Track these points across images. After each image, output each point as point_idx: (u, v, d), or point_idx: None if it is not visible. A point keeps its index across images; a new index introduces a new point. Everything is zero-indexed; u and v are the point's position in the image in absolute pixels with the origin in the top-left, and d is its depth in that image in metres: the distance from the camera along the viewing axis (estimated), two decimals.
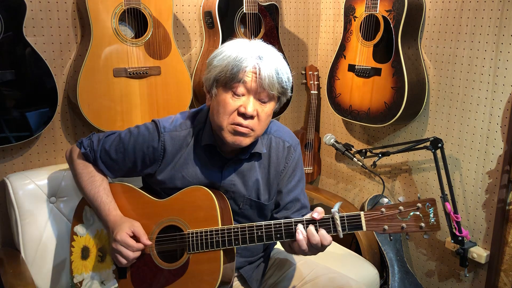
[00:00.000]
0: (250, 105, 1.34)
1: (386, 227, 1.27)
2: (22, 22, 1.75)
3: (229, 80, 1.34)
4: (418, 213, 1.26)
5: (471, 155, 2.12)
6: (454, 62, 2.13)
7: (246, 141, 1.39)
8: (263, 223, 1.36)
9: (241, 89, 1.34)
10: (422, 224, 1.26)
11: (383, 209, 1.28)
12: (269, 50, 1.37)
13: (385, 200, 1.34)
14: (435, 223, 1.25)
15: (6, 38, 1.72)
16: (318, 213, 1.32)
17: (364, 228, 1.28)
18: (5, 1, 1.70)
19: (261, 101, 1.36)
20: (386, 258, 2.30)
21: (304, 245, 1.31)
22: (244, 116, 1.35)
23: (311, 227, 1.30)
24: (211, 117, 1.44)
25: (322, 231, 1.30)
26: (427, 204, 1.26)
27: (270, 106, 1.39)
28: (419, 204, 1.26)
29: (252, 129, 1.37)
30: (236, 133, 1.37)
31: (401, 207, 1.27)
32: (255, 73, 1.32)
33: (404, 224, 1.27)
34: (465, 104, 2.12)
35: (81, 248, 1.55)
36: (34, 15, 1.89)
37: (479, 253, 2.10)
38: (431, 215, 1.25)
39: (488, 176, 2.07)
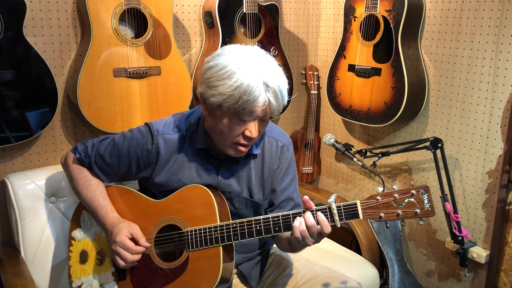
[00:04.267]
0: (255, 129, 1.37)
1: (382, 214, 1.29)
2: (22, 22, 1.76)
3: (238, 111, 1.31)
4: (412, 199, 1.28)
5: (471, 155, 2.12)
6: (454, 62, 2.13)
7: (244, 154, 1.45)
8: (261, 217, 1.38)
9: (249, 118, 1.34)
10: (417, 210, 1.27)
11: (378, 197, 1.30)
12: (272, 69, 1.33)
13: (380, 189, 1.36)
14: (429, 208, 1.27)
15: (6, 38, 1.72)
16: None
17: (361, 216, 1.30)
18: (5, 1, 1.70)
19: (263, 120, 1.39)
20: (386, 258, 2.30)
21: (297, 232, 1.31)
22: (249, 139, 1.38)
23: (308, 213, 1.32)
24: (210, 130, 1.44)
25: (321, 216, 1.31)
26: (421, 190, 1.28)
27: (268, 123, 1.45)
28: (413, 191, 1.28)
29: (252, 144, 1.43)
30: (237, 151, 1.41)
31: (396, 195, 1.29)
32: (265, 105, 1.31)
33: (399, 211, 1.29)
34: (465, 104, 2.12)
35: (79, 253, 1.55)
36: (34, 15, 1.89)
37: (479, 253, 2.10)
38: (426, 201, 1.27)
39: (488, 176, 2.07)
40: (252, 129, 1.36)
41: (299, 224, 1.32)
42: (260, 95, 1.29)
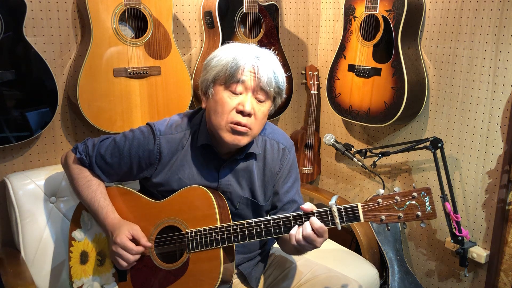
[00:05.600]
0: (248, 102, 1.36)
1: (383, 217, 1.29)
2: (22, 22, 1.75)
3: (228, 79, 1.36)
4: (414, 202, 1.27)
5: (471, 155, 2.12)
6: (454, 62, 2.13)
7: (244, 141, 1.41)
8: (261, 219, 1.38)
9: (239, 88, 1.36)
10: (419, 213, 1.27)
11: (379, 200, 1.30)
12: (265, 52, 1.41)
13: (381, 191, 1.35)
14: (431, 211, 1.27)
15: (6, 38, 1.72)
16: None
17: (362, 219, 1.29)
18: (5, 1, 1.70)
19: (258, 99, 1.39)
20: (386, 258, 2.30)
21: (293, 240, 1.32)
22: (242, 113, 1.37)
23: (306, 223, 1.31)
24: (208, 118, 1.44)
25: (316, 223, 1.30)
26: (423, 193, 1.27)
27: (266, 106, 1.42)
28: (414, 194, 1.27)
29: (249, 128, 1.39)
30: (234, 132, 1.38)
31: (397, 197, 1.28)
32: (254, 72, 1.35)
33: (401, 214, 1.28)
34: (465, 104, 2.12)
35: (80, 253, 1.55)
36: (34, 15, 1.89)
37: (479, 253, 2.10)
38: (427, 204, 1.27)
39: (488, 176, 2.07)
40: (244, 102, 1.36)
41: (295, 232, 1.32)
42: (249, 61, 1.36)
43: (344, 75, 2.41)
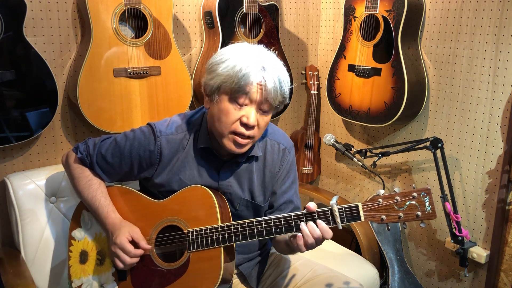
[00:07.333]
0: (252, 116, 1.36)
1: (383, 217, 1.30)
2: (22, 22, 1.75)
3: (234, 91, 1.34)
4: (414, 202, 1.28)
5: (471, 155, 2.12)
6: (454, 62, 2.13)
7: (244, 149, 1.43)
8: (262, 218, 1.38)
9: (245, 100, 1.35)
10: (419, 213, 1.28)
11: (380, 200, 1.30)
12: (272, 59, 1.38)
13: (382, 191, 1.36)
14: (431, 211, 1.28)
15: (6, 38, 1.72)
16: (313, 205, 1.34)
17: (362, 218, 1.30)
18: (5, 1, 1.70)
19: (262, 110, 1.38)
20: (386, 258, 2.30)
21: (302, 246, 1.32)
22: (246, 126, 1.37)
23: (311, 223, 1.32)
24: (211, 122, 1.44)
25: (322, 224, 1.31)
26: (423, 193, 1.28)
27: (269, 115, 1.42)
28: (414, 194, 1.28)
29: (252, 137, 1.40)
30: (236, 144, 1.39)
31: (397, 197, 1.29)
32: (261, 86, 1.34)
33: (401, 214, 1.29)
34: (465, 104, 2.12)
35: (79, 253, 1.55)
36: (34, 15, 1.89)
37: (479, 253, 2.10)
38: (427, 204, 1.28)
39: (488, 176, 2.07)
40: (249, 115, 1.36)
41: (302, 239, 1.32)
42: (256, 75, 1.33)
43: (344, 75, 2.41)
